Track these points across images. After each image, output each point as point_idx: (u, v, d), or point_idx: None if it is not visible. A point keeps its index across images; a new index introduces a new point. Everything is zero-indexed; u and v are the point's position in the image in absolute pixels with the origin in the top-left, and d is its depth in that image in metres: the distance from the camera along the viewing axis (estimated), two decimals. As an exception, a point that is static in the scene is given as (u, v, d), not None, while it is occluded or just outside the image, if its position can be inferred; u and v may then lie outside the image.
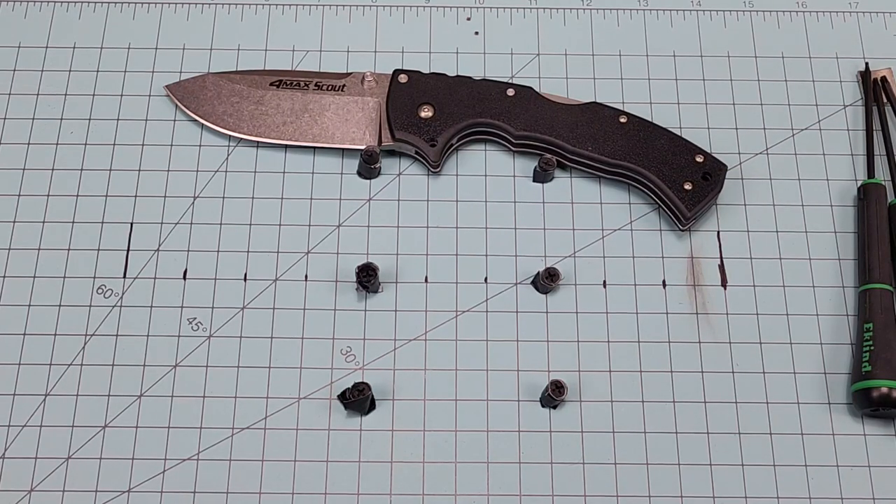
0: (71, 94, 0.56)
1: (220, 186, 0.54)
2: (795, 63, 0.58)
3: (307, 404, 0.49)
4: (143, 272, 0.52)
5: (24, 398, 0.49)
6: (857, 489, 0.48)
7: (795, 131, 0.56)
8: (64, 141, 0.55)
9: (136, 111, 0.56)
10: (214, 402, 0.49)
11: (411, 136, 0.53)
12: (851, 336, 0.51)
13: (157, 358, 0.50)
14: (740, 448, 0.48)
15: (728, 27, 0.59)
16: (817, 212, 0.54)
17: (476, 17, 0.60)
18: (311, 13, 0.59)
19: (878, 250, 0.51)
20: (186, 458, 0.47)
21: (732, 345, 0.51)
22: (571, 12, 0.60)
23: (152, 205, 0.53)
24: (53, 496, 0.47)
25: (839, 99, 0.57)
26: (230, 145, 0.55)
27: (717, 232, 0.53)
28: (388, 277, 0.51)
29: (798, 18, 0.60)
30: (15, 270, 0.52)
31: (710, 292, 0.52)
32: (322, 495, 0.47)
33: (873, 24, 0.60)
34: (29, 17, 0.59)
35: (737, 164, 0.55)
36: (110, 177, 0.54)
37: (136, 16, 0.59)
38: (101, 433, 0.48)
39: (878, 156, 0.55)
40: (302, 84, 0.55)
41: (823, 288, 0.52)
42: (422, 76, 0.55)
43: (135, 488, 0.47)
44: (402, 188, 0.54)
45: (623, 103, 0.56)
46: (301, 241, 0.53)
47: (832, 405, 0.49)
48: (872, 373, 0.48)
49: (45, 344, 0.50)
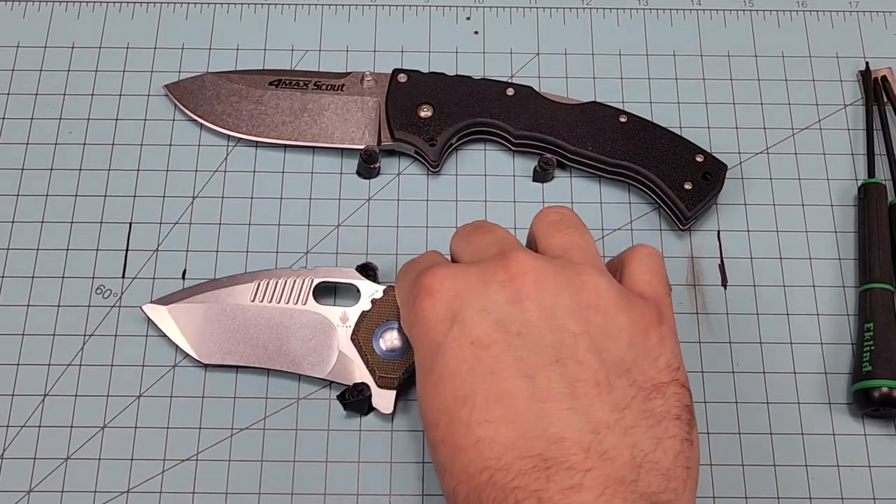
0: (70, 93, 0.56)
1: (219, 186, 0.54)
2: (795, 62, 0.58)
3: (306, 405, 0.49)
4: (142, 272, 0.52)
5: (22, 398, 0.49)
6: (858, 489, 0.47)
7: (796, 131, 0.56)
8: (63, 141, 0.55)
9: (134, 111, 0.56)
10: (214, 402, 0.49)
11: (411, 135, 0.53)
12: (852, 336, 0.51)
13: (157, 358, 0.49)
14: (740, 448, 0.48)
15: (728, 26, 0.59)
16: (817, 211, 0.54)
17: (475, 17, 0.59)
18: (310, 13, 0.59)
19: (879, 250, 0.51)
20: (186, 458, 0.47)
21: (732, 345, 0.50)
22: (571, 12, 0.60)
23: (151, 205, 0.53)
24: (52, 497, 0.47)
25: (839, 98, 0.57)
26: (229, 145, 0.55)
27: (718, 232, 0.53)
28: (387, 277, 0.51)
29: (798, 18, 0.60)
30: (13, 270, 0.51)
31: (710, 292, 0.52)
32: (321, 496, 0.47)
33: (874, 24, 0.59)
34: (28, 17, 0.59)
35: (737, 164, 0.55)
36: (109, 177, 0.54)
37: (135, 15, 0.59)
38: (100, 433, 0.48)
39: (879, 155, 0.55)
40: (301, 84, 0.55)
41: (824, 288, 0.52)
42: (421, 76, 0.55)
43: (134, 489, 0.47)
44: (401, 188, 0.54)
45: (623, 103, 0.56)
46: (300, 240, 0.52)
47: (832, 405, 0.49)
48: (873, 372, 0.48)
49: (44, 344, 0.50)
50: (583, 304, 0.37)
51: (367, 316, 0.48)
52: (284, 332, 0.48)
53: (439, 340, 0.37)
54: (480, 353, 0.36)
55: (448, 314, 0.37)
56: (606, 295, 0.38)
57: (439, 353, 0.37)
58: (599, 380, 0.36)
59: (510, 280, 0.37)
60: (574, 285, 0.38)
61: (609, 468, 0.34)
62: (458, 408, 0.36)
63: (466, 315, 0.37)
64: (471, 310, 0.37)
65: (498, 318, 0.37)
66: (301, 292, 0.49)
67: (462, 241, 0.42)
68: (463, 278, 0.38)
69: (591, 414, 0.35)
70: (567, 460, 0.34)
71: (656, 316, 0.39)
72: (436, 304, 0.38)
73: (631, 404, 0.36)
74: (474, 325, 0.37)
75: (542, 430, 0.35)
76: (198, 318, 0.49)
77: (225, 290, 0.49)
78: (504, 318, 0.37)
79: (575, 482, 0.33)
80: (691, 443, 0.37)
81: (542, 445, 0.34)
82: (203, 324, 0.48)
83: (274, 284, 0.49)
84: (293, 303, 0.49)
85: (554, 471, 0.34)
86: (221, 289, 0.49)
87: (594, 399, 0.35)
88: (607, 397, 0.36)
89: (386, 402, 0.47)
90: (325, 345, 0.48)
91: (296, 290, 0.49)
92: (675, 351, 0.39)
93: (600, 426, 0.35)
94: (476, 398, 0.36)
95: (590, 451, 0.34)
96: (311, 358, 0.48)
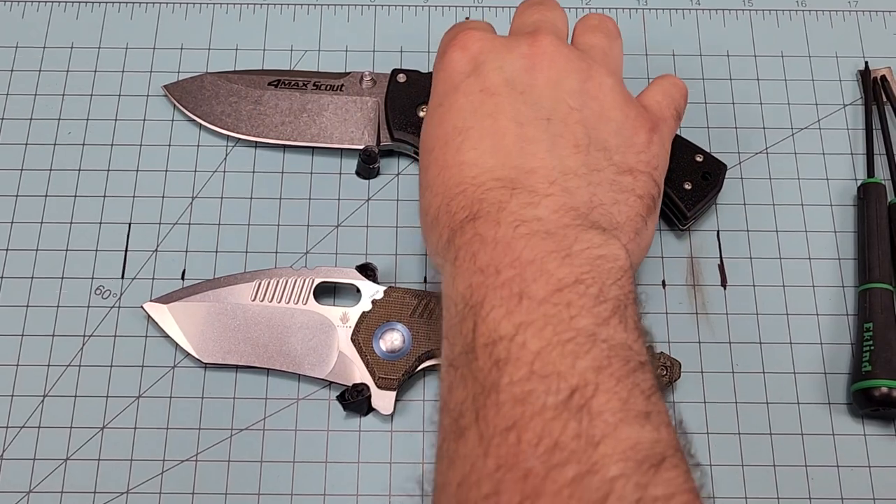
0: (69, 94, 0.56)
1: (218, 186, 0.54)
2: (795, 62, 0.58)
3: (306, 405, 0.49)
4: (141, 272, 0.52)
5: (22, 399, 0.49)
6: (858, 489, 0.47)
7: (795, 131, 0.56)
8: (62, 141, 0.55)
9: (134, 111, 0.56)
10: (213, 402, 0.49)
11: (410, 135, 0.53)
12: (851, 336, 0.51)
13: (156, 358, 0.49)
14: (740, 448, 0.48)
15: (727, 26, 0.59)
16: (817, 211, 0.54)
17: (475, 17, 0.59)
18: (309, 13, 0.59)
19: (878, 250, 0.51)
20: (185, 459, 0.47)
21: (732, 345, 0.50)
22: (571, 12, 0.59)
23: (150, 205, 0.53)
24: (52, 497, 0.47)
25: (839, 98, 0.57)
26: (228, 145, 0.55)
27: (717, 232, 0.53)
28: (387, 277, 0.51)
29: (797, 17, 0.60)
30: (13, 271, 0.51)
31: (710, 292, 0.52)
32: (321, 496, 0.47)
33: (873, 23, 0.59)
34: (27, 17, 0.59)
35: (737, 164, 0.55)
36: (108, 177, 0.54)
37: (134, 16, 0.59)
38: (100, 434, 0.48)
39: (878, 155, 0.55)
40: (300, 84, 0.55)
41: (823, 288, 0.52)
42: (420, 76, 0.55)
43: (133, 489, 0.47)
44: (401, 188, 0.54)
45: (622, 103, 0.56)
46: (300, 241, 0.52)
47: (832, 405, 0.49)
48: (873, 372, 0.48)
49: (44, 345, 0.50)
50: (585, 90, 0.43)
51: (367, 316, 0.48)
52: (285, 331, 0.48)
53: (456, 83, 0.44)
54: (486, 99, 0.42)
55: (470, 66, 0.44)
56: (608, 91, 0.43)
57: (453, 93, 0.43)
58: (580, 142, 0.42)
59: (530, 54, 0.43)
60: (583, 74, 0.43)
61: (567, 198, 0.39)
62: (455, 135, 0.42)
63: (484, 69, 0.43)
64: (490, 66, 0.43)
65: (510, 77, 0.43)
66: (302, 292, 0.49)
67: (519, 12, 0.49)
68: (491, 43, 0.44)
69: (564, 161, 0.41)
70: (532, 186, 0.40)
71: (649, 123, 0.44)
72: (463, 56, 0.44)
73: (602, 169, 0.41)
74: (488, 76, 0.43)
75: (519, 163, 0.40)
76: (198, 317, 0.49)
77: (226, 289, 0.49)
78: (515, 79, 0.43)
79: (534, 201, 0.39)
80: (645, 222, 0.42)
81: (514, 173, 0.40)
82: (203, 323, 0.48)
83: (275, 284, 0.49)
84: (294, 302, 0.49)
85: (519, 191, 0.39)
86: (222, 288, 0.49)
87: (571, 153, 0.41)
88: (582, 156, 0.41)
89: (386, 403, 0.47)
90: (325, 345, 0.48)
91: (296, 289, 0.49)
92: (658, 155, 0.44)
93: (569, 171, 0.41)
94: (472, 131, 0.42)
95: (554, 183, 0.40)
96: (311, 358, 0.48)
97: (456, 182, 0.41)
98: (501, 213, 0.38)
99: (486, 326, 0.35)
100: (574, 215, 0.39)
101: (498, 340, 0.35)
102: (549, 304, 0.35)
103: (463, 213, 0.39)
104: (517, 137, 0.41)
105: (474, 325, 0.36)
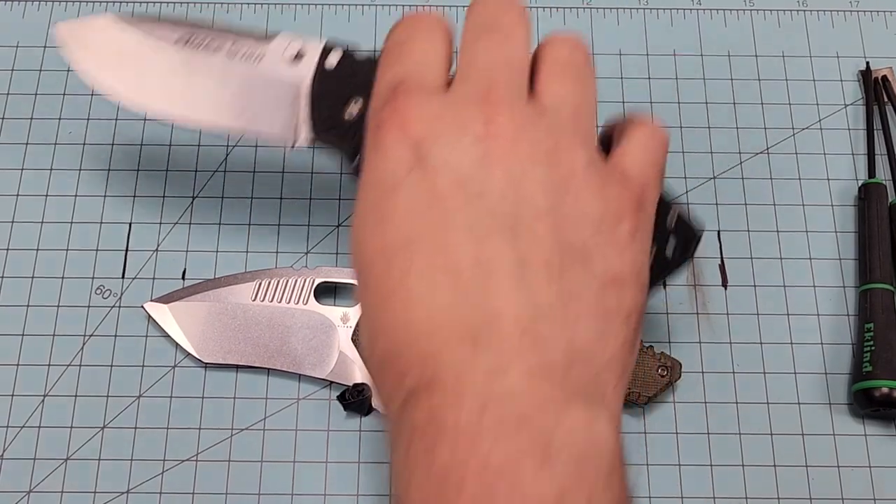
0: (69, 93, 0.56)
1: (218, 186, 0.54)
2: (796, 62, 0.58)
3: (306, 405, 0.49)
4: (141, 272, 0.52)
5: (22, 399, 0.49)
6: (858, 489, 0.47)
7: (796, 131, 0.56)
8: (62, 141, 0.55)
9: (134, 111, 0.56)
10: (214, 402, 0.49)
11: (335, 138, 0.41)
12: (852, 336, 0.51)
13: (157, 358, 0.49)
14: (740, 448, 0.48)
15: (728, 26, 0.59)
16: (818, 211, 0.54)
17: (475, 17, 0.59)
18: (309, 13, 0.59)
19: (879, 250, 0.51)
20: (185, 458, 0.47)
21: (733, 345, 0.50)
22: (571, 11, 0.60)
23: (151, 205, 0.53)
24: (52, 497, 0.47)
25: (840, 98, 0.57)
26: (229, 145, 0.55)
27: (718, 232, 0.53)
28: (387, 277, 0.51)
29: (798, 17, 0.60)
30: (13, 271, 0.51)
31: (711, 292, 0.52)
32: (321, 496, 0.47)
33: (874, 24, 0.59)
34: (27, 17, 0.58)
35: (737, 164, 0.55)
36: (108, 177, 0.54)
37: (135, 16, 0.59)
38: (100, 434, 0.48)
39: (879, 155, 0.55)
40: (213, 47, 0.42)
41: (824, 288, 0.52)
42: (356, 62, 0.41)
43: (133, 489, 0.47)
44: (401, 188, 0.54)
45: (623, 102, 0.56)
46: (300, 240, 0.52)
47: (833, 405, 0.49)
48: (873, 373, 0.48)
49: (44, 344, 0.50)
50: (554, 180, 0.34)
51: None
52: (285, 331, 0.48)
53: (395, 180, 0.34)
54: (434, 203, 0.33)
55: (412, 155, 0.34)
56: (581, 175, 0.34)
57: (392, 194, 0.34)
58: (552, 261, 0.33)
59: (485, 136, 0.34)
60: (551, 157, 0.34)
61: (542, 354, 0.31)
62: (398, 252, 0.33)
63: (430, 163, 0.34)
64: (436, 159, 0.34)
65: (462, 175, 0.34)
66: (302, 292, 0.49)
67: (469, 41, 0.38)
68: (438, 121, 0.34)
69: (535, 296, 0.32)
70: (499, 339, 0.31)
71: (633, 201, 0.35)
72: (402, 142, 0.34)
73: (581, 294, 0.33)
74: (436, 174, 0.34)
75: (480, 301, 0.32)
76: (199, 317, 0.49)
77: (226, 289, 0.49)
78: (468, 176, 0.34)
79: (502, 363, 0.31)
80: (631, 349, 0.34)
81: (474, 318, 0.31)
82: (204, 322, 0.48)
83: (275, 284, 0.49)
84: (294, 302, 0.48)
85: (482, 348, 0.31)
86: (222, 288, 0.49)
87: (542, 281, 0.32)
88: (556, 284, 0.33)
89: None
90: (325, 345, 0.48)
91: (297, 289, 0.49)
92: (644, 245, 0.36)
93: (541, 311, 0.32)
94: (420, 244, 0.33)
95: (525, 333, 0.31)
96: (312, 358, 0.48)
97: (402, 324, 0.32)
98: (463, 387, 0.30)
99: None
100: (551, 382, 0.31)
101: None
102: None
103: (415, 375, 0.31)
104: (474, 262, 0.32)
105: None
